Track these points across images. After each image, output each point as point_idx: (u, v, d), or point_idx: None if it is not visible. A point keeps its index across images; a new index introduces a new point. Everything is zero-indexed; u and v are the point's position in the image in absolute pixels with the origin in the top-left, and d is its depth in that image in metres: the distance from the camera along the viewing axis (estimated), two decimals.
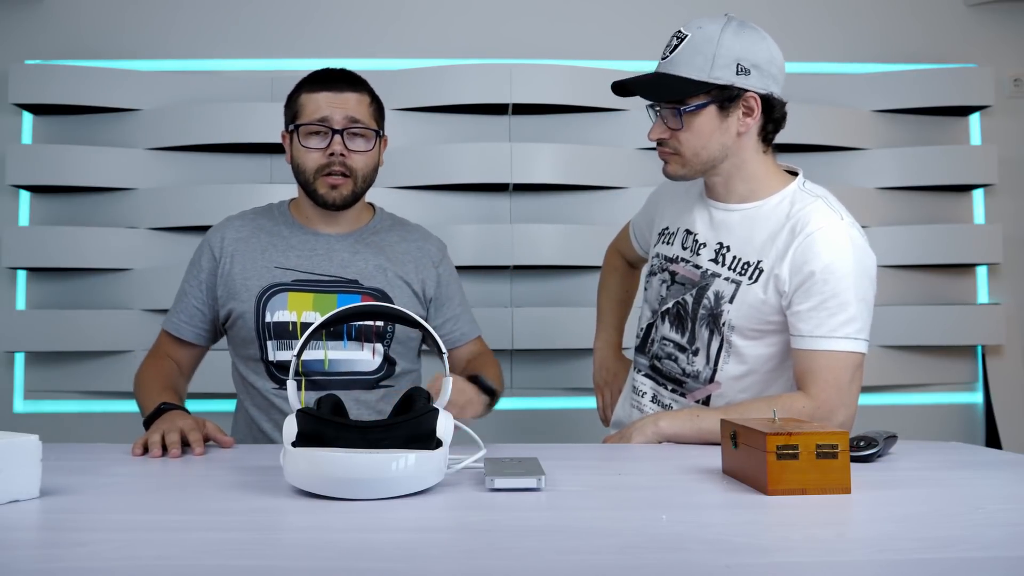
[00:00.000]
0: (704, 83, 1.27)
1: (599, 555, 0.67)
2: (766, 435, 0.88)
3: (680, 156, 1.33)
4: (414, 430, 0.90)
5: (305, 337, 0.96)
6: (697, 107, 1.28)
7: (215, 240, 1.50)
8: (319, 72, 1.46)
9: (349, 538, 0.73)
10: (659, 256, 1.49)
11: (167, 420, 1.19)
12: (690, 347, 1.39)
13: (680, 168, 1.35)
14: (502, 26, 2.65)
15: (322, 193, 1.43)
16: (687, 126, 1.30)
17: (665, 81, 1.29)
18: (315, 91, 1.42)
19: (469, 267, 2.48)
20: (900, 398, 2.63)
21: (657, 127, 1.33)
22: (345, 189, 1.43)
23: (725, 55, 1.26)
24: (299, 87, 1.46)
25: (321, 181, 1.42)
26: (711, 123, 1.29)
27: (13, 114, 2.54)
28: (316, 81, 1.44)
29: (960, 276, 2.67)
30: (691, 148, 1.32)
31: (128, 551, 0.68)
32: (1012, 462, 1.13)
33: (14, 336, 2.44)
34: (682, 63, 1.28)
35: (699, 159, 1.33)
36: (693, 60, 1.27)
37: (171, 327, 1.52)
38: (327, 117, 1.40)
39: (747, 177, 1.36)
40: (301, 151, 1.42)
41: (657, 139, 1.34)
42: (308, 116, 1.41)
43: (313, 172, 1.42)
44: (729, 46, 1.26)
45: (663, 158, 1.37)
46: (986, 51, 2.72)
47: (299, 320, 1.42)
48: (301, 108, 1.43)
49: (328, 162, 1.41)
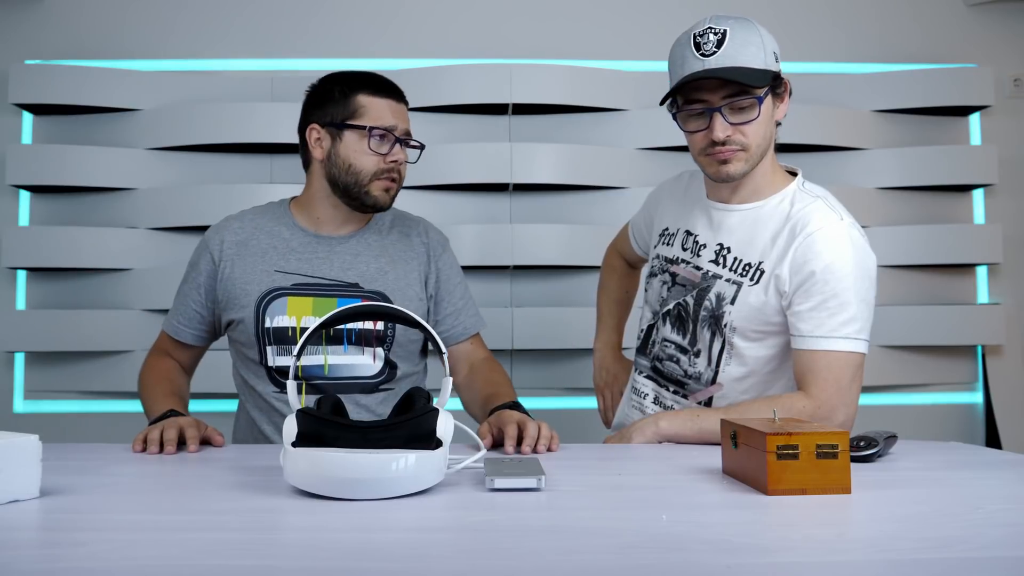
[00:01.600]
0: (769, 72, 1.27)
1: (599, 555, 0.67)
2: (766, 435, 0.88)
3: (746, 151, 1.30)
4: (414, 430, 0.90)
5: (305, 338, 0.96)
6: (766, 94, 1.28)
7: (214, 243, 1.49)
8: (375, 78, 1.46)
9: (349, 538, 0.73)
10: (659, 257, 1.49)
11: (170, 420, 1.22)
12: (691, 348, 1.39)
13: (744, 164, 1.31)
14: (502, 26, 2.65)
15: (375, 195, 1.44)
16: (761, 116, 1.29)
17: (745, 71, 1.25)
18: (378, 96, 1.43)
19: (469, 267, 2.47)
20: (900, 398, 2.63)
21: (720, 125, 1.28)
22: (394, 192, 1.47)
23: (768, 44, 1.28)
24: (352, 87, 1.43)
25: (376, 184, 1.43)
26: (768, 110, 1.30)
27: (13, 114, 2.54)
28: (376, 87, 1.44)
29: (960, 276, 2.67)
30: (757, 139, 1.30)
31: (128, 551, 0.68)
32: (1012, 462, 1.13)
33: (14, 336, 2.44)
34: (739, 55, 1.25)
35: (760, 150, 1.32)
36: (747, 50, 1.26)
37: (170, 329, 1.52)
38: (394, 126, 1.43)
39: (758, 172, 1.35)
40: (362, 153, 1.42)
41: (724, 139, 1.29)
42: (374, 120, 1.41)
43: (371, 175, 1.43)
44: (765, 36, 1.28)
45: (724, 158, 1.30)
46: (986, 51, 2.72)
47: (298, 325, 1.41)
48: (362, 110, 1.42)
49: (388, 167, 1.43)
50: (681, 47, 1.30)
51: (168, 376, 1.47)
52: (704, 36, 1.27)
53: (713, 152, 1.30)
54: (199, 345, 1.53)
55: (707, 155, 1.32)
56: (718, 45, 1.25)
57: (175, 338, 1.52)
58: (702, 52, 1.26)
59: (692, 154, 1.36)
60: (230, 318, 1.45)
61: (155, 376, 1.46)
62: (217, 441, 1.22)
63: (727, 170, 1.31)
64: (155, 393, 1.40)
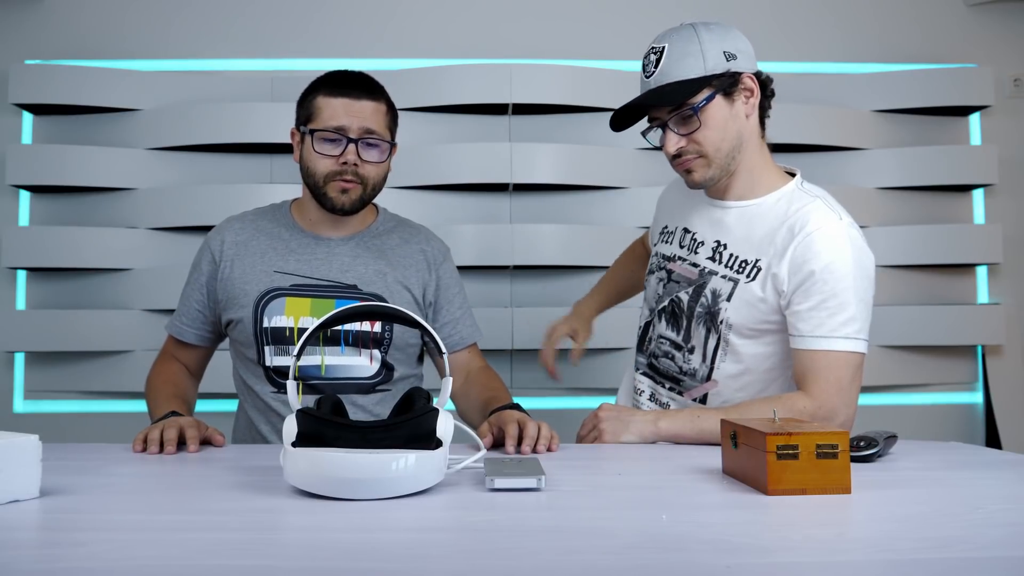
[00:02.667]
0: (705, 77, 1.28)
1: (599, 555, 0.67)
2: (766, 435, 0.88)
3: (704, 157, 1.33)
4: (414, 430, 0.90)
5: (304, 338, 0.96)
6: (707, 100, 1.29)
7: (215, 243, 1.49)
8: (337, 75, 1.43)
9: (349, 538, 0.73)
10: (658, 255, 1.50)
11: (171, 420, 1.22)
12: (686, 345, 1.40)
13: (707, 169, 1.34)
14: (502, 26, 2.65)
15: (332, 197, 1.42)
16: (704, 122, 1.30)
17: (668, 89, 1.29)
18: (333, 96, 1.40)
19: (469, 267, 2.48)
20: (900, 398, 2.63)
21: (671, 139, 1.32)
22: (354, 194, 1.42)
23: (711, 48, 1.29)
24: (315, 88, 1.43)
25: (332, 185, 1.41)
26: (722, 112, 1.31)
27: (13, 114, 2.54)
28: (334, 85, 1.41)
29: (960, 276, 2.67)
30: (712, 143, 1.32)
31: (128, 551, 0.68)
32: (1012, 462, 1.13)
33: (14, 336, 2.44)
34: (674, 70, 1.29)
35: (721, 153, 1.33)
36: (684, 62, 1.29)
37: (174, 330, 1.53)
38: (344, 126, 1.38)
39: (749, 168, 1.36)
40: (313, 156, 1.40)
41: (676, 151, 1.33)
42: (324, 122, 1.39)
43: (324, 177, 1.41)
44: (710, 40, 1.29)
45: (686, 168, 1.34)
46: (986, 51, 2.72)
47: (296, 326, 1.42)
48: (317, 111, 1.40)
49: (340, 169, 1.40)
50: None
51: (172, 379, 1.48)
52: (647, 56, 1.33)
53: (676, 164, 1.36)
54: (203, 346, 1.54)
55: (675, 166, 1.37)
56: (656, 64, 1.31)
57: (179, 339, 1.52)
58: (646, 73, 1.33)
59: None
60: (229, 318, 1.46)
61: (160, 380, 1.48)
62: (218, 441, 1.22)
63: (693, 179, 1.36)
64: (159, 396, 1.41)
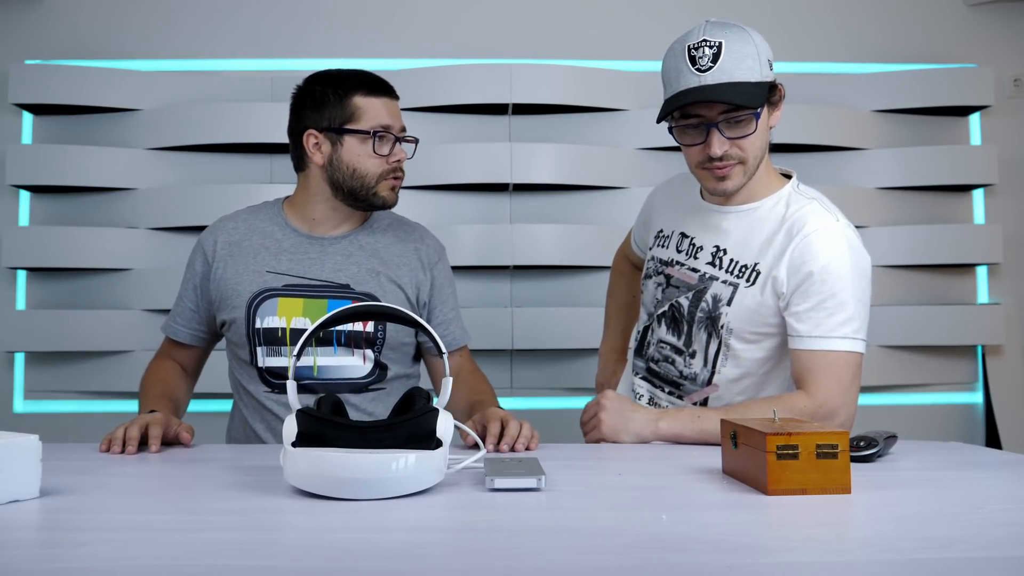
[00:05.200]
0: (766, 83, 1.26)
1: (599, 555, 0.67)
2: (766, 435, 0.88)
3: (744, 164, 1.29)
4: (414, 430, 0.90)
5: (304, 338, 0.96)
6: (763, 106, 1.27)
7: (208, 243, 1.49)
8: (367, 76, 1.44)
9: (349, 538, 0.73)
10: (654, 259, 1.48)
11: (137, 418, 1.20)
12: (687, 350, 1.39)
13: (742, 177, 1.31)
14: (502, 26, 2.65)
15: (384, 196, 1.45)
16: (758, 129, 1.27)
17: (742, 88, 1.24)
18: (373, 96, 1.42)
19: (469, 267, 2.48)
20: (900, 398, 2.63)
21: (718, 140, 1.26)
22: (399, 189, 1.48)
23: (763, 53, 1.26)
24: (346, 89, 1.41)
25: (383, 184, 1.44)
26: (764, 122, 1.29)
27: (13, 114, 2.54)
28: (370, 87, 1.42)
29: (960, 276, 2.67)
30: (754, 152, 1.29)
31: (128, 551, 0.68)
32: (1012, 462, 1.13)
33: (14, 336, 2.44)
34: (736, 69, 1.23)
35: (757, 161, 1.31)
36: (744, 63, 1.24)
37: (169, 331, 1.53)
38: (390, 126, 1.42)
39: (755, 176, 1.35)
40: (362, 156, 1.41)
41: (721, 154, 1.27)
42: (370, 122, 1.40)
43: (376, 177, 1.43)
44: (759, 44, 1.26)
45: (723, 174, 1.30)
46: (986, 51, 2.72)
47: (288, 326, 1.41)
48: (358, 112, 1.40)
49: (392, 168, 1.44)
50: (675, 59, 1.27)
51: (162, 378, 1.48)
52: (699, 49, 1.24)
53: (711, 167, 1.30)
54: (197, 345, 1.53)
55: (705, 169, 1.31)
56: (714, 59, 1.23)
57: (173, 338, 1.52)
58: (698, 67, 1.24)
59: (688, 166, 1.35)
60: (223, 318, 1.46)
61: (151, 379, 1.48)
62: (184, 439, 1.19)
63: (725, 186, 1.31)
64: (146, 395, 1.41)
